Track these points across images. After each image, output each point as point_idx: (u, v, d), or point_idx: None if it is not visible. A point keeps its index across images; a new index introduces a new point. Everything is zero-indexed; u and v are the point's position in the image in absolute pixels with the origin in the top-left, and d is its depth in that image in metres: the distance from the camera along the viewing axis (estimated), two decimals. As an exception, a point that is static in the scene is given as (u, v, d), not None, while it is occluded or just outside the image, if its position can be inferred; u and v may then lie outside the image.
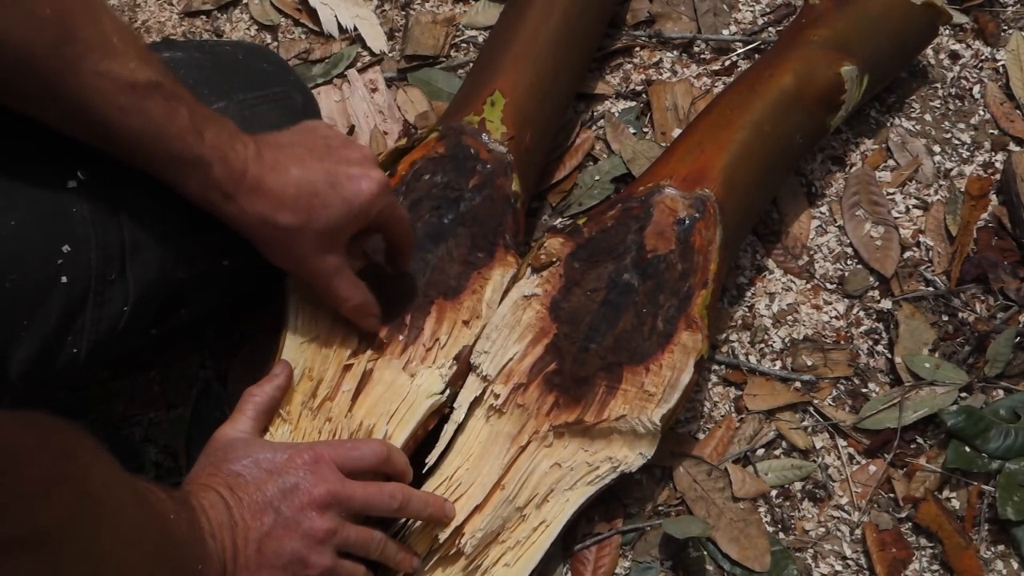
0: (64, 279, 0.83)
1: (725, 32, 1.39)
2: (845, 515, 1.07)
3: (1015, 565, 1.03)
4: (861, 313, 1.18)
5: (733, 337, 1.17)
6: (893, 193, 1.26)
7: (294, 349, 1.00)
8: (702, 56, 1.37)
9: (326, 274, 0.94)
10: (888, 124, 1.31)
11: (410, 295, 1.04)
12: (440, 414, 1.02)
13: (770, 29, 1.39)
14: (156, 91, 0.82)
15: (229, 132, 0.88)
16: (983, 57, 1.36)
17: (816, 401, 1.12)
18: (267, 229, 0.90)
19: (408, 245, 1.00)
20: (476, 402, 1.01)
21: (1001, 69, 1.34)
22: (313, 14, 1.42)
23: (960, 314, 1.17)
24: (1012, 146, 1.29)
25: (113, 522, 0.67)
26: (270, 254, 0.94)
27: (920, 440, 1.11)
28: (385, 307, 1.03)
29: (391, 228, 0.98)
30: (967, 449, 1.07)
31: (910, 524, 1.06)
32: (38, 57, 0.77)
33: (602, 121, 1.31)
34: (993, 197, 1.25)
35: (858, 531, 1.06)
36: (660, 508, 1.06)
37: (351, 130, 1.32)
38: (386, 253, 1.02)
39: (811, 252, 1.22)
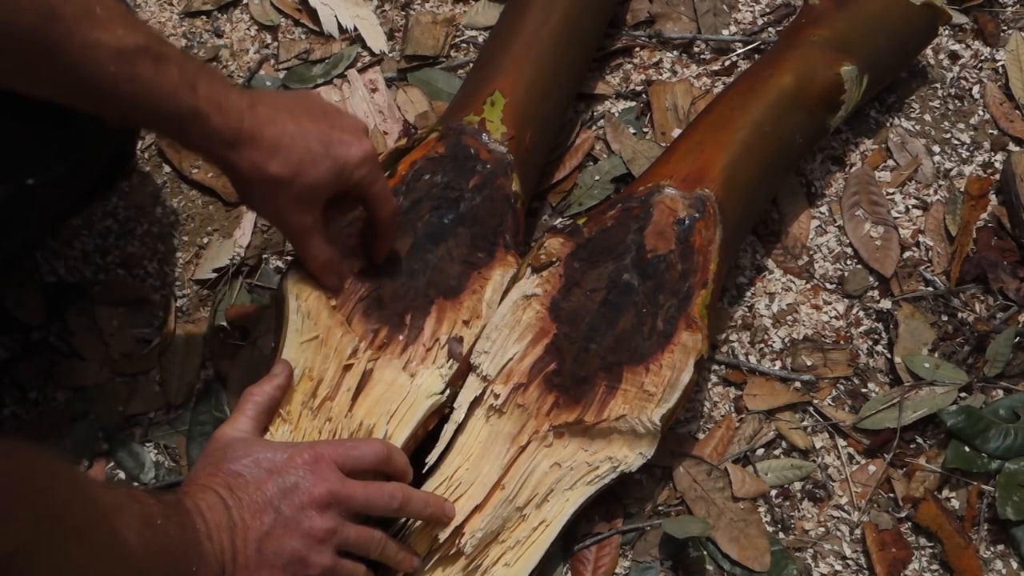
0: None
1: (725, 32, 1.39)
2: (845, 515, 1.07)
3: (1015, 565, 1.03)
4: (861, 313, 1.18)
5: (733, 337, 1.17)
6: (893, 193, 1.26)
7: (294, 349, 1.00)
8: (702, 56, 1.37)
9: (302, 229, 0.98)
10: (888, 124, 1.31)
11: (410, 295, 1.04)
12: (440, 414, 1.02)
13: (770, 29, 1.39)
14: (144, 54, 0.84)
15: (221, 83, 0.90)
16: (983, 57, 1.36)
17: (816, 401, 1.12)
18: (256, 176, 0.93)
19: (388, 226, 1.02)
20: (476, 402, 1.01)
21: (1001, 69, 1.34)
22: (313, 14, 1.42)
23: (960, 314, 1.17)
24: (1011, 146, 1.29)
25: (82, 538, 0.68)
26: (251, 201, 0.98)
27: (920, 440, 1.11)
28: (385, 307, 1.03)
29: (371, 202, 1.00)
30: (967, 449, 1.07)
31: (910, 524, 1.06)
32: (25, 38, 0.78)
33: (602, 121, 1.31)
34: (993, 197, 1.25)
35: (858, 531, 1.06)
36: (660, 508, 1.07)
37: (351, 130, 1.32)
38: (366, 236, 1.04)
39: (811, 252, 1.22)
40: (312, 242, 0.99)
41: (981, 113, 1.31)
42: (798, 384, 1.14)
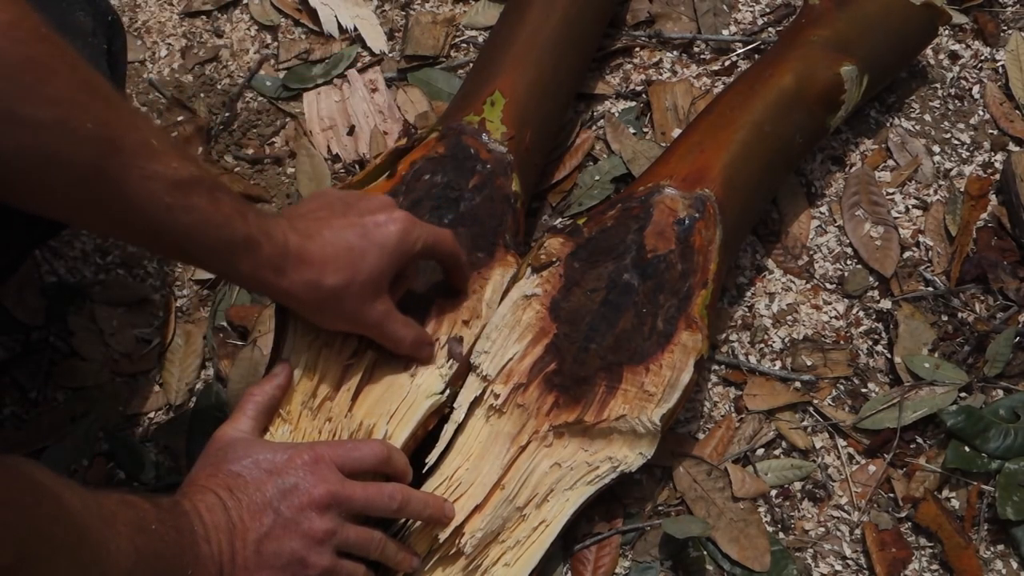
0: None
1: (725, 32, 1.39)
2: (845, 515, 1.07)
3: (1015, 565, 1.03)
4: (861, 313, 1.18)
5: (733, 337, 1.17)
6: (893, 193, 1.26)
7: (294, 349, 1.00)
8: (702, 56, 1.37)
9: (378, 322, 0.96)
10: (888, 124, 1.31)
11: (410, 295, 1.04)
12: (440, 414, 1.02)
13: (770, 29, 1.39)
14: (199, 185, 0.83)
15: (263, 212, 0.90)
16: (983, 57, 1.36)
17: (816, 401, 1.12)
18: (316, 293, 0.91)
19: (458, 261, 1.01)
20: (476, 402, 1.01)
21: (1001, 69, 1.34)
22: (313, 14, 1.42)
23: (960, 314, 1.17)
24: (1011, 146, 1.29)
25: (70, 552, 0.67)
26: (322, 319, 0.96)
27: (920, 440, 1.11)
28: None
29: (437, 253, 0.99)
30: (967, 449, 1.07)
31: (910, 524, 1.06)
32: (86, 172, 0.78)
33: (602, 121, 1.31)
34: (993, 197, 1.25)
35: (858, 531, 1.06)
36: (660, 508, 1.07)
37: (351, 130, 1.32)
38: (445, 276, 1.03)
39: (811, 252, 1.22)
40: (394, 327, 0.97)
41: (981, 113, 1.31)
42: (798, 384, 1.14)
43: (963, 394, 1.12)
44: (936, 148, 1.29)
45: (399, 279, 0.98)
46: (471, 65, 1.29)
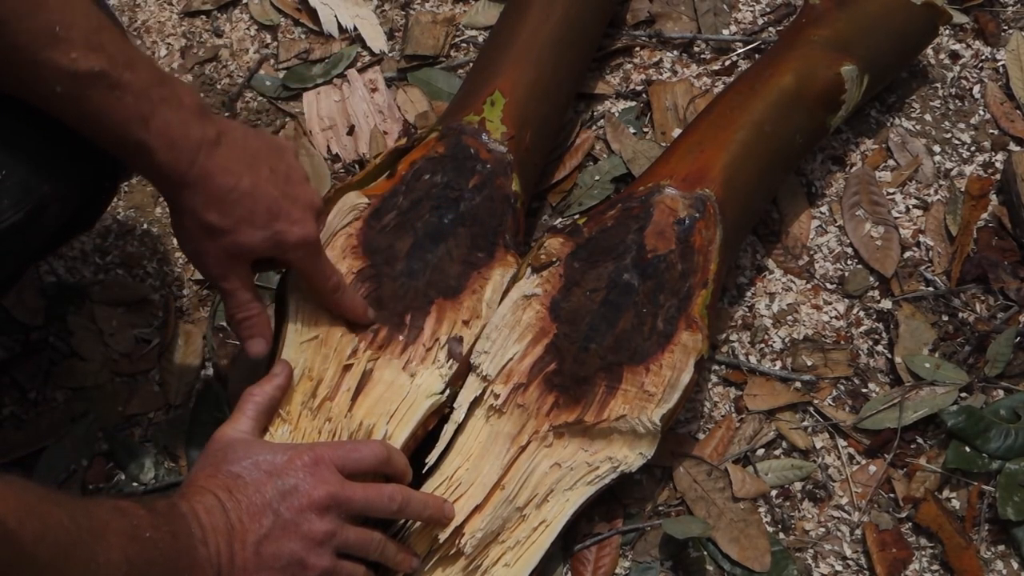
0: None
1: (725, 32, 1.39)
2: (845, 515, 1.07)
3: (1015, 565, 1.03)
4: (861, 313, 1.18)
5: (733, 337, 1.17)
6: (893, 193, 1.26)
7: (294, 349, 1.00)
8: (702, 56, 1.37)
9: (226, 278, 0.95)
10: (888, 124, 1.31)
11: (410, 295, 1.04)
12: (440, 414, 1.02)
13: (770, 29, 1.39)
14: (99, 80, 0.82)
15: (184, 119, 0.87)
16: (983, 57, 1.35)
17: (816, 401, 1.12)
18: (190, 220, 0.91)
19: (331, 300, 1.00)
20: (476, 402, 1.01)
21: (1001, 69, 1.34)
22: (313, 14, 1.42)
23: (960, 314, 1.17)
24: (1012, 146, 1.28)
25: (57, 571, 0.67)
26: (179, 238, 0.95)
27: (920, 440, 1.10)
28: (385, 307, 1.03)
29: (307, 281, 0.98)
30: (967, 449, 1.07)
31: (910, 524, 1.06)
32: None
33: (602, 121, 1.31)
34: (993, 197, 1.25)
35: (858, 531, 1.06)
36: (660, 508, 1.06)
37: (351, 130, 1.32)
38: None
39: (811, 252, 1.22)
40: (235, 295, 0.96)
41: (982, 113, 1.31)
42: (798, 384, 1.13)
43: (964, 394, 1.12)
44: (937, 148, 1.29)
45: (269, 263, 0.97)
46: (471, 65, 1.29)
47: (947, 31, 1.37)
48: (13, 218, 0.85)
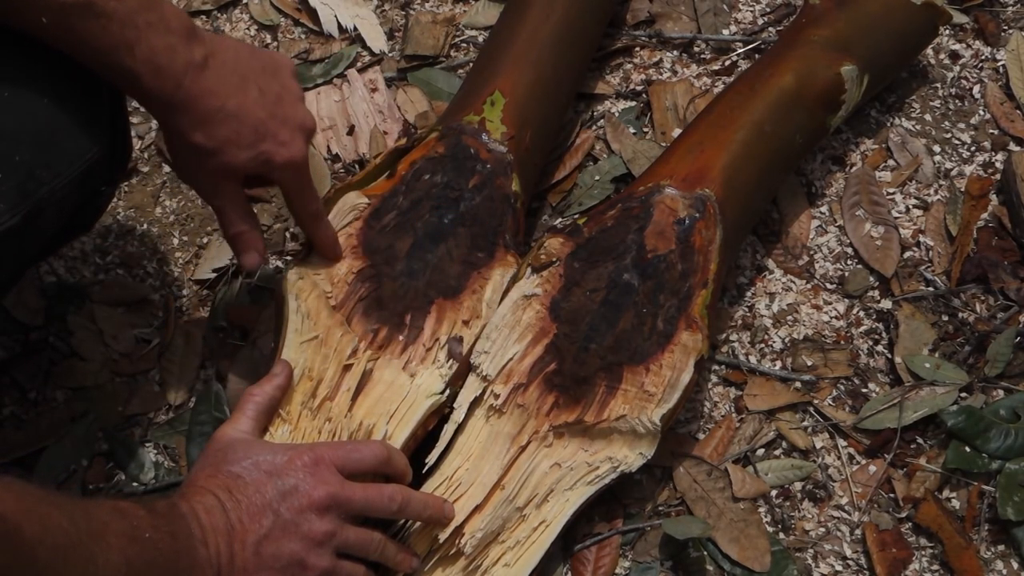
0: None
1: (725, 32, 1.39)
2: (845, 515, 1.07)
3: (1015, 565, 1.03)
4: (861, 313, 1.18)
5: (733, 337, 1.17)
6: (893, 193, 1.26)
7: (294, 349, 1.00)
8: (702, 56, 1.37)
9: (216, 196, 0.97)
10: (888, 124, 1.31)
11: (410, 295, 1.04)
12: (440, 414, 1.02)
13: (770, 29, 1.39)
14: (84, 10, 0.82)
15: (170, 43, 0.87)
16: (983, 57, 1.35)
17: (816, 401, 1.12)
18: (179, 141, 0.92)
19: (307, 223, 1.01)
20: (476, 402, 1.01)
21: (1001, 69, 1.34)
22: (313, 14, 1.42)
23: (960, 314, 1.17)
24: (1012, 146, 1.28)
25: (57, 568, 0.67)
26: (174, 162, 0.96)
27: (920, 440, 1.10)
28: (385, 307, 1.03)
29: (290, 201, 1.00)
30: (967, 449, 1.07)
31: (910, 524, 1.06)
32: None
33: (602, 121, 1.31)
34: (993, 197, 1.25)
35: (858, 531, 1.06)
36: (660, 508, 1.06)
37: (351, 130, 1.32)
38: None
39: (811, 252, 1.22)
40: (230, 210, 0.97)
41: (982, 113, 1.31)
42: (798, 384, 1.13)
43: (963, 394, 1.12)
44: (936, 148, 1.29)
45: (259, 180, 0.99)
46: (471, 65, 1.29)
47: (947, 31, 1.37)
48: (10, 222, 0.85)
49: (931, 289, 1.19)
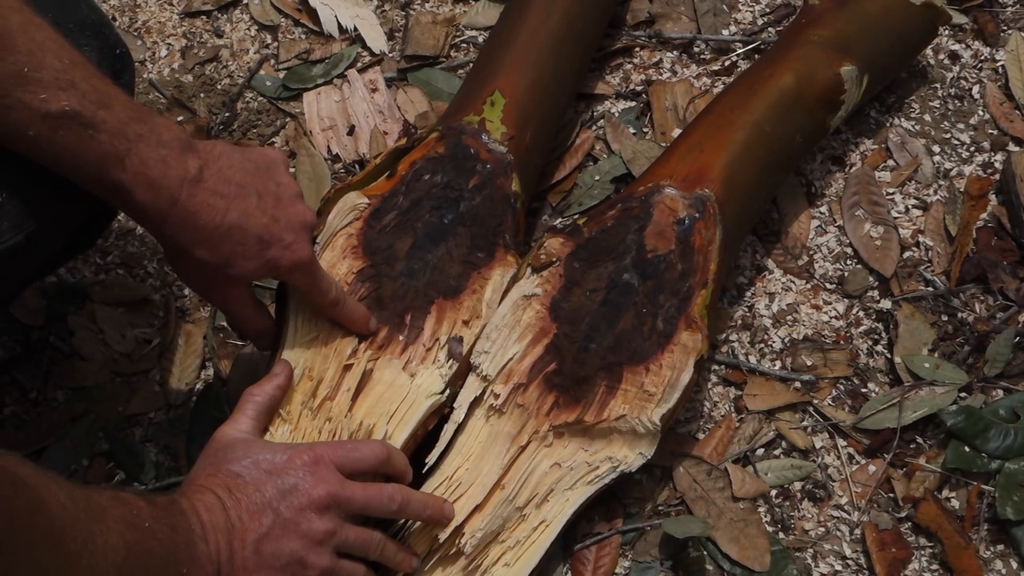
0: None
1: (725, 32, 1.39)
2: (845, 515, 1.07)
3: (1015, 565, 1.03)
4: (861, 313, 1.18)
5: (733, 337, 1.17)
6: (893, 193, 1.26)
7: (294, 349, 1.00)
8: (702, 56, 1.37)
9: (228, 302, 0.96)
10: (888, 124, 1.31)
11: (410, 295, 1.04)
12: (440, 414, 1.02)
13: (770, 29, 1.39)
14: (71, 121, 0.80)
15: (162, 156, 0.85)
16: (983, 57, 1.36)
17: (816, 401, 1.12)
18: (180, 256, 0.91)
19: (333, 314, 1.00)
20: (476, 402, 1.01)
21: (1000, 69, 1.34)
22: (313, 14, 1.42)
23: (960, 314, 1.17)
24: (1011, 146, 1.29)
25: (53, 544, 0.67)
26: (176, 268, 0.95)
27: (920, 440, 1.11)
28: (385, 307, 1.03)
29: (306, 296, 0.98)
30: (967, 449, 1.07)
31: (910, 524, 1.06)
32: None
33: (602, 121, 1.31)
34: (993, 197, 1.25)
35: (858, 531, 1.06)
36: (660, 508, 1.07)
37: (351, 130, 1.32)
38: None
39: (811, 252, 1.22)
40: (237, 314, 0.97)
41: (981, 113, 1.31)
42: (798, 384, 1.14)
43: (963, 394, 1.12)
44: (936, 148, 1.29)
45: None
46: (471, 65, 1.29)
47: (946, 31, 1.38)
48: (13, 240, 0.84)
49: (931, 289, 1.19)
